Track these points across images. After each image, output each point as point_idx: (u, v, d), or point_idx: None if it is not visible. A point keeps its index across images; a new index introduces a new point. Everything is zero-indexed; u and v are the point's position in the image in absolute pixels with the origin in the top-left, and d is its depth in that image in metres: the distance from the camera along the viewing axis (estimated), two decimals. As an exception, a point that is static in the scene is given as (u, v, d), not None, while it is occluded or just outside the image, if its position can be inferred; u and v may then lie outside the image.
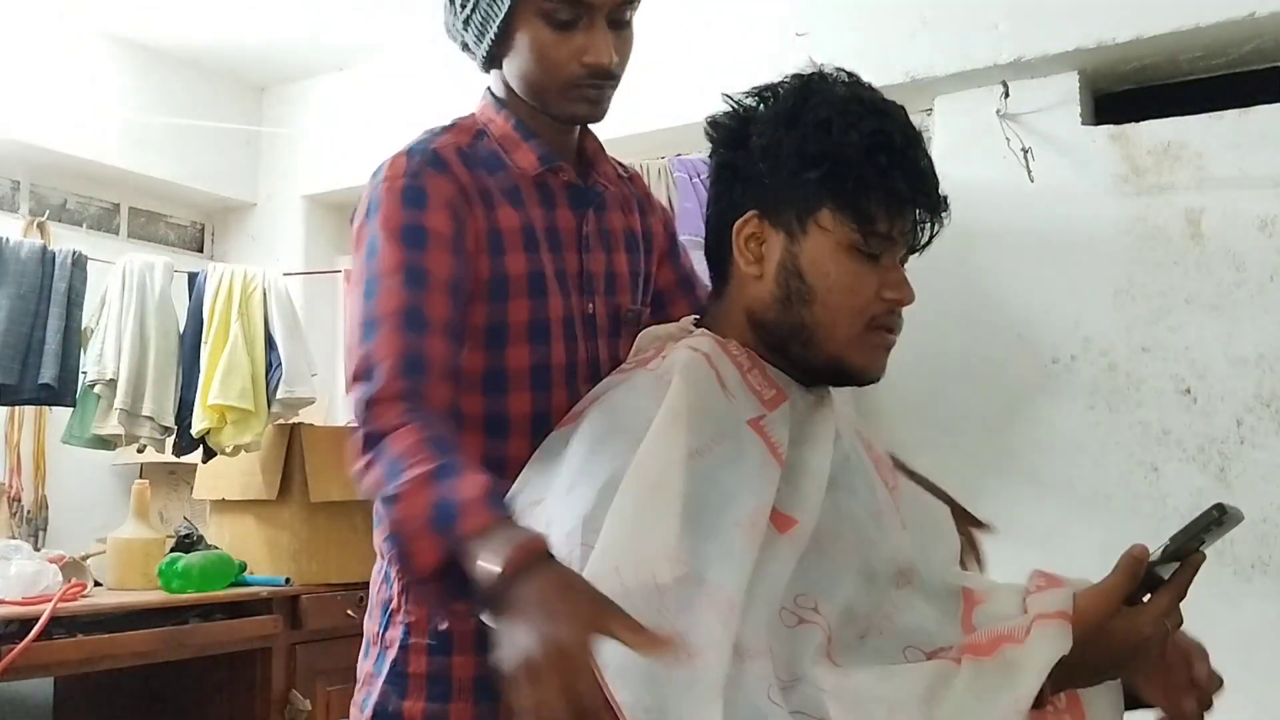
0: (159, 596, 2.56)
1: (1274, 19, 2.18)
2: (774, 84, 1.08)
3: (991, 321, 2.42)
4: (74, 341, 2.84)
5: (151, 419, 2.82)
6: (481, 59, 1.23)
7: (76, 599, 2.37)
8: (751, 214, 1.06)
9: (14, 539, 2.80)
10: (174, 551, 2.73)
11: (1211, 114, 2.26)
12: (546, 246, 1.19)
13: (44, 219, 3.19)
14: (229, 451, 2.85)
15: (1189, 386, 2.23)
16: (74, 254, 2.89)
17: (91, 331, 2.88)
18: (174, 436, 2.91)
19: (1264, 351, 2.16)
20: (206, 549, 2.80)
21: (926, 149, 1.06)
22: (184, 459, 3.02)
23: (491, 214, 1.16)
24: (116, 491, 3.28)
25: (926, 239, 1.07)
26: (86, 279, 2.91)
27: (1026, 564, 1.01)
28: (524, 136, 1.22)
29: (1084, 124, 2.40)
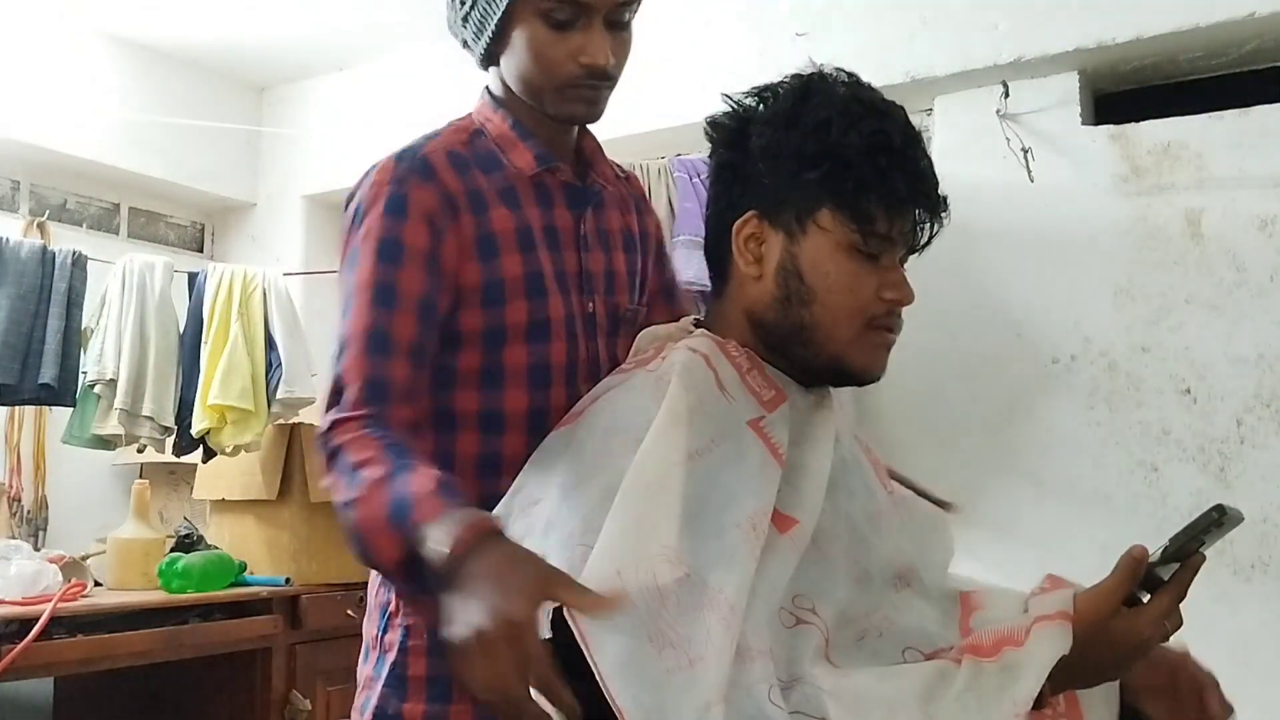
0: (159, 596, 2.57)
1: (1274, 19, 2.18)
2: (774, 84, 1.08)
3: (991, 321, 2.42)
4: (74, 341, 2.84)
5: (151, 419, 2.82)
6: (479, 57, 1.23)
7: (76, 599, 2.37)
8: (751, 214, 1.06)
9: (14, 539, 2.80)
10: (174, 551, 2.73)
11: (1211, 114, 2.26)
12: (544, 246, 1.19)
13: (44, 219, 3.19)
14: (229, 451, 2.85)
15: (1189, 386, 2.23)
16: (74, 254, 2.89)
17: (91, 331, 2.88)
18: (174, 436, 2.91)
19: (1264, 351, 2.16)
20: (206, 549, 2.81)
21: (926, 149, 1.06)
22: (184, 459, 3.02)
23: (483, 218, 1.15)
24: (116, 491, 3.28)
25: (926, 239, 1.07)
26: (86, 279, 2.91)
27: (1026, 564, 1.01)
28: (521, 136, 1.21)
29: (1084, 124, 2.40)
